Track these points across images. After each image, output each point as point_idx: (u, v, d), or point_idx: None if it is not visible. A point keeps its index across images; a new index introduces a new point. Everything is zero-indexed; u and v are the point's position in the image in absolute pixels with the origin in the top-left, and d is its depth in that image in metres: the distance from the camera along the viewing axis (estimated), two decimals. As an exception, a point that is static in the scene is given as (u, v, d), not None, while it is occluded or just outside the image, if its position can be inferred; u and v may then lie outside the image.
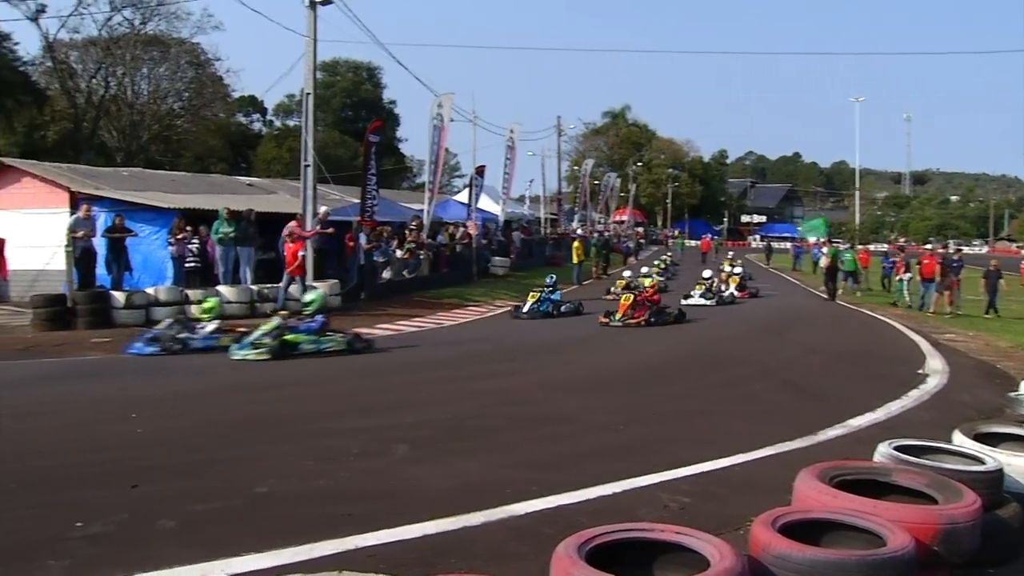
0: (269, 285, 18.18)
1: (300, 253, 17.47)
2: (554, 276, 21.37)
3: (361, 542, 4.45)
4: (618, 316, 17.46)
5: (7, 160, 23.54)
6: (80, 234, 16.71)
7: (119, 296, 16.12)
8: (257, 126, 70.31)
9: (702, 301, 23.17)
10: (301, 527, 4.68)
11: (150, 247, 18.86)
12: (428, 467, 6.12)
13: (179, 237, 18.22)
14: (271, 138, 63.80)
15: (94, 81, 50.71)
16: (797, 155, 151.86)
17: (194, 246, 18.38)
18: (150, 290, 16.74)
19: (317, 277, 19.18)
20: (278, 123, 70.18)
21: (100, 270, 17.21)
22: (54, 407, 8.71)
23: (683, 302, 22.38)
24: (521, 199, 50.70)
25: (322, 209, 20.36)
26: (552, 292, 20.32)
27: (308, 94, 19.81)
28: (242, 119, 67.35)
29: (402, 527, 4.67)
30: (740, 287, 26.83)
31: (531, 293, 20.43)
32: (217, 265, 18.40)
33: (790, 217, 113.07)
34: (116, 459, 6.29)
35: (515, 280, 30.81)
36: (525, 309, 19.62)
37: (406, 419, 7.91)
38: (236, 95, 61.31)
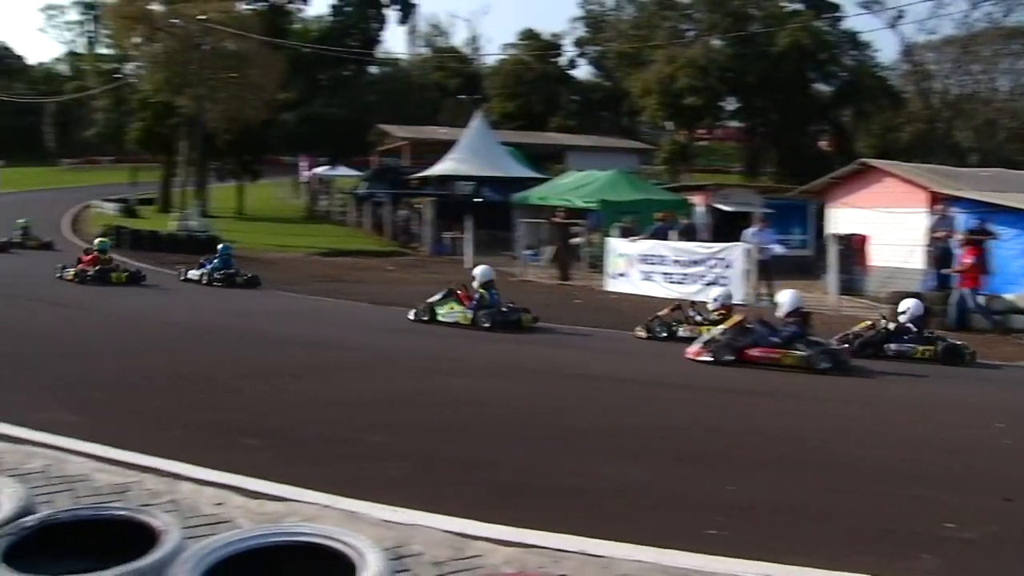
0: None
1: (967, 260, 14.94)
2: None
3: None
4: None
5: (870, 161, 24.91)
6: (939, 234, 16.80)
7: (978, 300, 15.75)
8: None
9: None
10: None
11: (1008, 251, 17.99)
12: None
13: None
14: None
15: (948, 81, 50.61)
16: None
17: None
18: (1010, 296, 15.99)
19: None
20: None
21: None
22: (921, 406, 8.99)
23: None
24: None
25: None
26: None
27: None
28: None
29: None
30: None
31: None
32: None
33: None
34: (986, 467, 6.25)
35: None
36: None
37: None
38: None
